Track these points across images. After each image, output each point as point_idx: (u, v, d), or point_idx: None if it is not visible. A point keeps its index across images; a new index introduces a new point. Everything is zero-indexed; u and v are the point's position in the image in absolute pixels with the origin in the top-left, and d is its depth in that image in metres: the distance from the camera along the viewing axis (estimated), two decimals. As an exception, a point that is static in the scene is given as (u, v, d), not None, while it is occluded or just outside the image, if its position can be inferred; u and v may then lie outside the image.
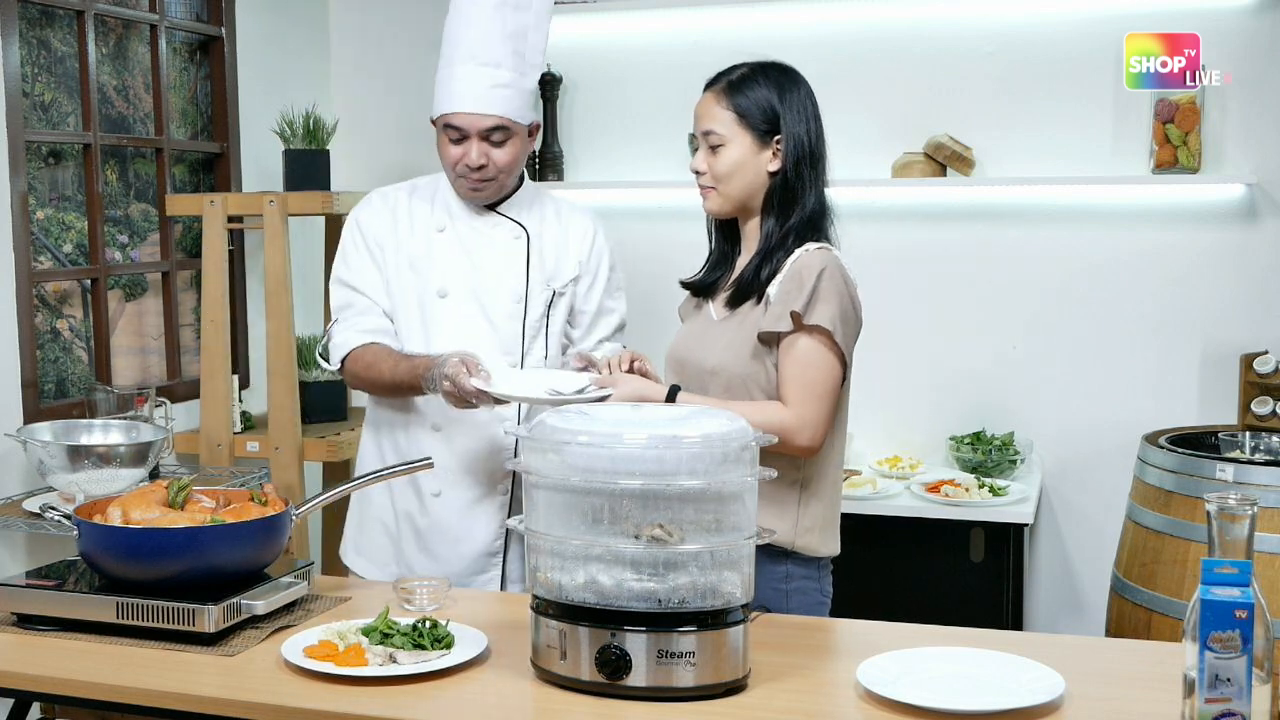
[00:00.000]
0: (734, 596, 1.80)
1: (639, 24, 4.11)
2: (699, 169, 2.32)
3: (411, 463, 2.41)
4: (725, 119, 2.28)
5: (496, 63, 2.48)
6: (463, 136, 2.49)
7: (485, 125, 2.47)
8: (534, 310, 2.58)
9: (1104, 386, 3.80)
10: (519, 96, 2.51)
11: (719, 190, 2.30)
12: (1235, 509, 1.57)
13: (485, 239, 2.59)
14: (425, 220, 2.61)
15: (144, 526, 2.06)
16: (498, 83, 2.47)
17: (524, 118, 2.52)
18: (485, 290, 2.56)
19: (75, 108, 3.53)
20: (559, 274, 2.61)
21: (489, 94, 2.47)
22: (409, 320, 2.57)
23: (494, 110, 2.47)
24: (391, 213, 2.62)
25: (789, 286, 2.21)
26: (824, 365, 2.20)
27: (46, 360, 3.44)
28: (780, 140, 2.27)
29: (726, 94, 2.29)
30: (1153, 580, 3.23)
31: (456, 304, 2.56)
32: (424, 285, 2.57)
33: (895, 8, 3.87)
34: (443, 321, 2.55)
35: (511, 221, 2.60)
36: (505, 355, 2.55)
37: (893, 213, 3.89)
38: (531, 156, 4.14)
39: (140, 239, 3.79)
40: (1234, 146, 3.65)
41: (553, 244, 2.62)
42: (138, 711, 1.89)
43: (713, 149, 2.29)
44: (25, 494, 3.23)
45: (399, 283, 2.58)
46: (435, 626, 1.94)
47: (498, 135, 2.49)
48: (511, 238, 2.59)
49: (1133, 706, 1.75)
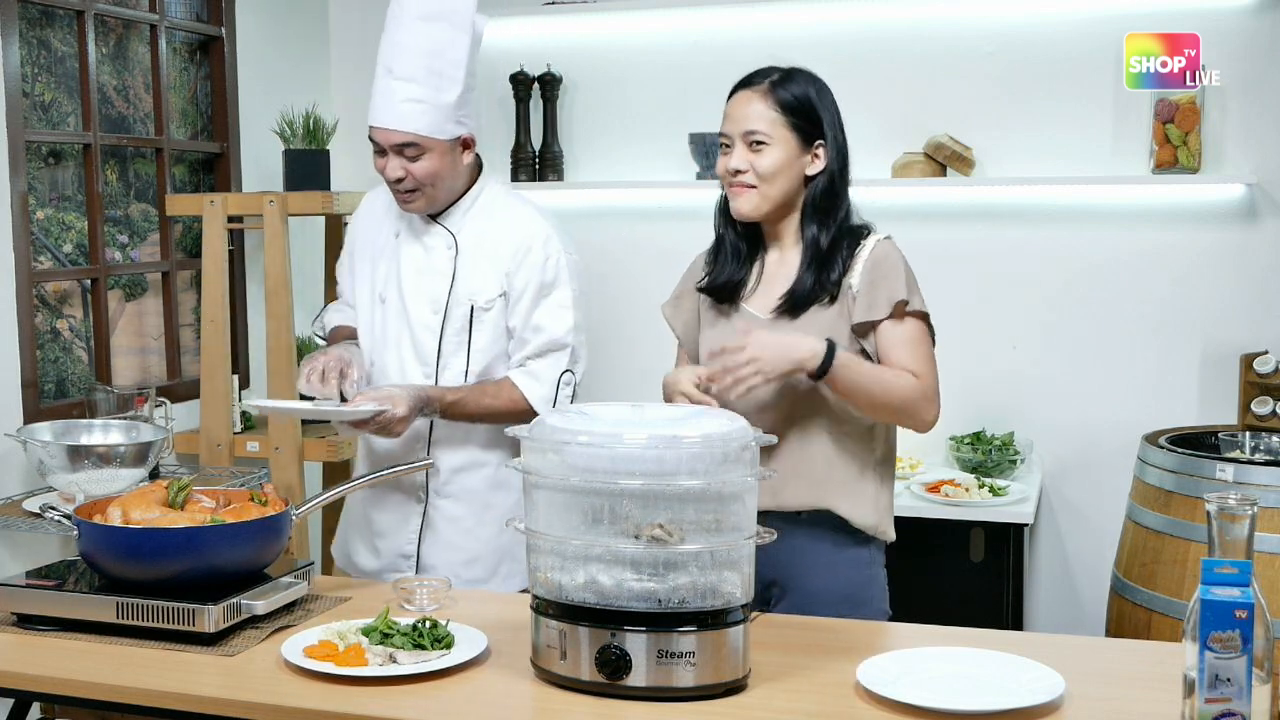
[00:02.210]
0: (734, 596, 1.80)
1: (639, 24, 4.11)
2: (740, 168, 2.25)
3: (411, 463, 2.41)
4: (770, 119, 2.24)
5: (409, 77, 2.46)
6: (383, 149, 2.50)
7: (396, 141, 2.47)
8: (453, 323, 2.55)
9: (1104, 386, 3.80)
10: (433, 112, 2.46)
11: (760, 190, 2.25)
12: (1235, 509, 1.57)
13: (422, 247, 2.60)
14: (392, 225, 2.65)
15: (144, 526, 2.06)
16: (409, 97, 2.45)
17: (440, 133, 2.47)
18: (411, 299, 2.58)
19: (75, 108, 3.53)
20: (483, 289, 2.54)
21: (399, 109, 2.46)
22: (361, 323, 2.67)
23: (403, 126, 2.45)
24: (373, 214, 2.71)
25: (877, 276, 2.23)
26: (930, 345, 2.28)
27: (46, 360, 3.44)
28: (822, 144, 2.26)
29: (771, 94, 2.25)
30: (1153, 580, 3.23)
31: (390, 310, 2.60)
32: (373, 290, 2.63)
33: (895, 8, 3.87)
34: (379, 326, 2.61)
35: (447, 232, 2.59)
36: (423, 366, 2.56)
37: (893, 213, 3.86)
38: (531, 156, 4.15)
39: (140, 239, 3.79)
40: (1234, 146, 3.65)
41: (484, 257, 2.56)
42: (138, 711, 1.89)
43: (753, 147, 2.25)
44: (25, 494, 3.23)
45: (360, 286, 2.68)
46: (435, 626, 1.94)
47: (410, 150, 2.47)
48: (444, 248, 2.58)
49: (1133, 706, 1.75)
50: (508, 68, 4.11)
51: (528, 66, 4.10)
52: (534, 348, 2.54)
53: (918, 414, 2.24)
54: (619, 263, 4.02)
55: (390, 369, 2.59)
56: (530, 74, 4.10)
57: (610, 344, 4.16)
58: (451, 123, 2.49)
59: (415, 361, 2.56)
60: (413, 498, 2.59)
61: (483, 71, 4.22)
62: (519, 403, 2.51)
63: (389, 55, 2.49)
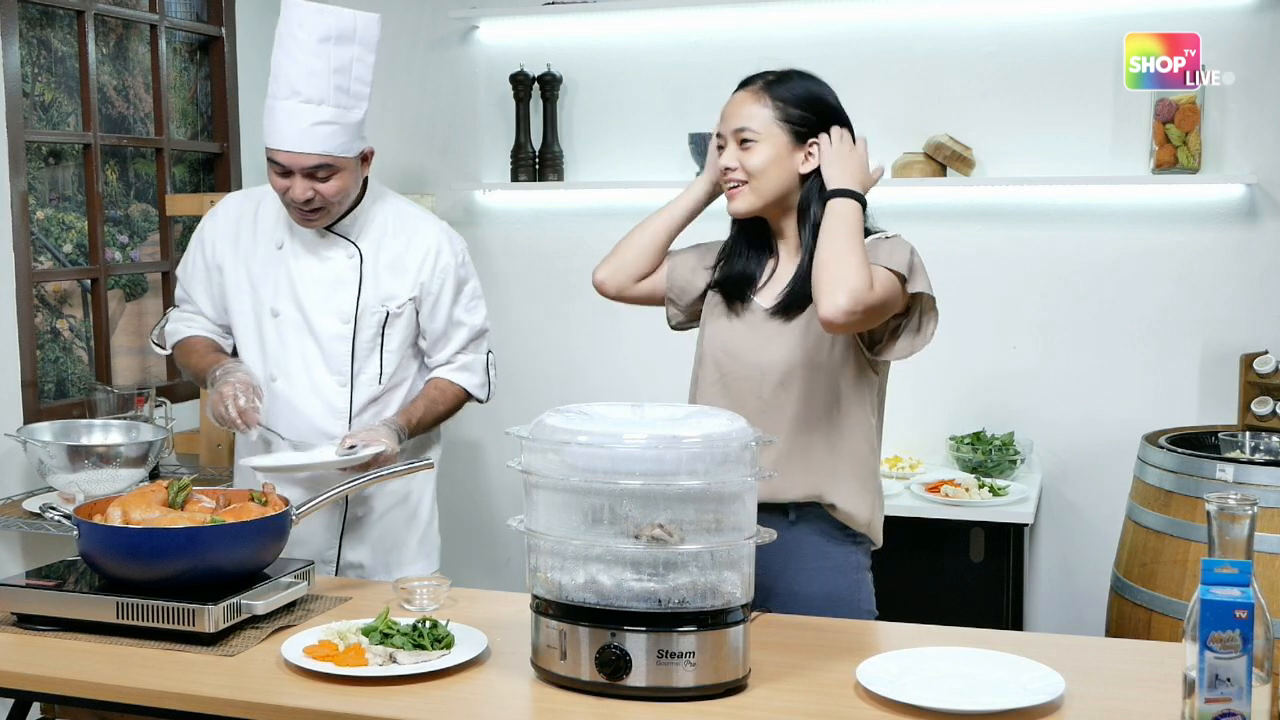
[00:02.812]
0: (734, 596, 1.80)
1: (639, 24, 4.11)
2: (730, 165, 2.27)
3: (411, 463, 2.41)
4: (763, 117, 2.25)
5: (319, 99, 2.45)
6: (288, 171, 2.48)
7: (307, 164, 2.46)
8: (364, 331, 2.59)
9: (1104, 386, 3.80)
10: (343, 133, 2.48)
11: (751, 186, 2.26)
12: (1235, 509, 1.57)
13: (318, 259, 2.60)
14: (268, 234, 2.63)
15: (144, 526, 2.06)
16: (320, 120, 2.45)
17: (350, 151, 2.50)
18: (314, 311, 2.58)
19: (75, 108, 3.53)
20: (395, 294, 2.61)
21: (310, 132, 2.44)
22: (246, 336, 2.64)
23: (315, 149, 2.45)
24: (236, 224, 2.66)
25: (878, 255, 2.20)
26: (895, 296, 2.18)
27: (46, 360, 3.44)
28: (815, 143, 2.26)
29: (764, 92, 2.26)
30: (1153, 580, 3.23)
31: (287, 324, 2.60)
32: (259, 303, 2.62)
33: (895, 8, 3.87)
34: (274, 340, 2.61)
35: (347, 242, 2.60)
36: (335, 375, 2.59)
37: (893, 213, 3.84)
38: (531, 156, 4.15)
39: (140, 239, 3.79)
40: (1234, 146, 3.65)
41: (390, 263, 2.61)
42: (138, 711, 1.89)
43: (743, 145, 2.26)
44: (25, 494, 3.23)
45: (238, 299, 2.64)
46: (435, 626, 1.94)
47: (322, 172, 2.47)
48: (345, 257, 2.60)
49: (1133, 706, 1.75)
50: (508, 68, 4.11)
51: (528, 66, 4.10)
52: (459, 341, 2.68)
53: (837, 292, 2.08)
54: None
55: (298, 381, 2.60)
56: (530, 74, 4.10)
57: (610, 344, 4.16)
58: (358, 140, 2.52)
59: (325, 371, 2.59)
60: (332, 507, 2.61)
61: (483, 72, 4.25)
62: (460, 396, 2.70)
63: (293, 78, 2.45)
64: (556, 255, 4.20)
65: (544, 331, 4.24)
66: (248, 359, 2.63)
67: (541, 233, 4.25)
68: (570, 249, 4.17)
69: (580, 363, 4.21)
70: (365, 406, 2.62)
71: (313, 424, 2.60)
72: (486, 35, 4.23)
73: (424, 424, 2.64)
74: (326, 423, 2.59)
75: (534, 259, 4.21)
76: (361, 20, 2.52)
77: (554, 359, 4.21)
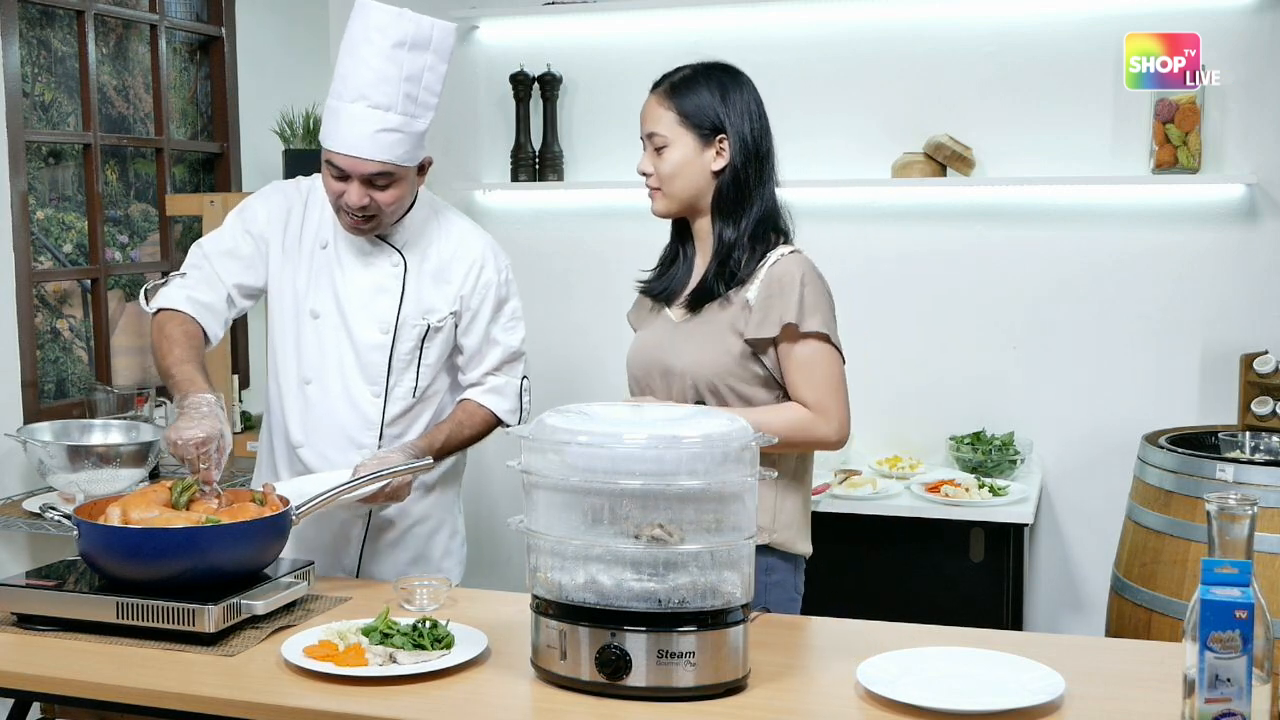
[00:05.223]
0: (734, 596, 1.80)
1: (639, 24, 4.11)
2: (645, 170, 2.33)
3: (410, 463, 2.41)
4: (668, 120, 2.29)
5: (387, 106, 2.38)
6: (345, 175, 2.40)
7: (367, 170, 2.38)
8: (403, 343, 2.53)
9: (1104, 386, 3.80)
10: (407, 141, 2.40)
11: (664, 191, 2.31)
12: (1235, 509, 1.57)
13: (363, 263, 2.53)
14: (314, 231, 2.56)
15: (144, 526, 2.06)
16: (386, 127, 2.37)
17: (411, 160, 2.43)
18: (354, 317, 2.52)
19: (75, 108, 3.53)
20: (436, 307, 2.54)
21: (375, 138, 2.37)
22: (283, 335, 2.56)
23: (378, 156, 2.37)
24: (286, 212, 2.57)
25: (772, 293, 2.22)
26: (830, 362, 2.24)
27: (46, 360, 3.44)
28: (724, 140, 2.27)
29: (668, 95, 2.30)
30: (1153, 580, 3.23)
31: (327, 327, 2.52)
32: (300, 303, 2.54)
33: (895, 8, 3.87)
34: (312, 343, 2.53)
35: (392, 249, 2.54)
36: (370, 385, 2.52)
37: (893, 213, 3.89)
38: (531, 156, 4.15)
39: (140, 239, 3.79)
40: (1234, 146, 3.65)
41: (434, 276, 2.54)
42: (138, 711, 1.89)
43: (657, 150, 2.30)
44: (25, 494, 3.23)
45: (277, 292, 2.56)
46: (435, 626, 1.94)
47: (381, 180, 2.40)
48: (390, 265, 2.53)
49: (1133, 706, 1.75)
50: (508, 68, 4.11)
51: (528, 66, 4.11)
52: (492, 361, 2.59)
53: (813, 439, 2.23)
54: (619, 263, 4.00)
55: (332, 388, 2.53)
56: (530, 74, 4.10)
57: (609, 344, 4.15)
58: (419, 149, 2.46)
59: (362, 381, 2.52)
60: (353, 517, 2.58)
61: (483, 72, 4.25)
62: (489, 420, 2.60)
63: (363, 82, 2.37)
64: (556, 255, 4.20)
65: (544, 331, 4.23)
66: (281, 358, 2.55)
67: (541, 233, 4.25)
68: (570, 249, 4.17)
69: (580, 363, 4.21)
70: (397, 419, 2.55)
71: (344, 432, 2.53)
72: (486, 35, 4.23)
73: (449, 447, 2.55)
74: (357, 432, 2.53)
75: (534, 259, 4.21)
76: (439, 28, 2.45)
77: (554, 359, 4.21)
